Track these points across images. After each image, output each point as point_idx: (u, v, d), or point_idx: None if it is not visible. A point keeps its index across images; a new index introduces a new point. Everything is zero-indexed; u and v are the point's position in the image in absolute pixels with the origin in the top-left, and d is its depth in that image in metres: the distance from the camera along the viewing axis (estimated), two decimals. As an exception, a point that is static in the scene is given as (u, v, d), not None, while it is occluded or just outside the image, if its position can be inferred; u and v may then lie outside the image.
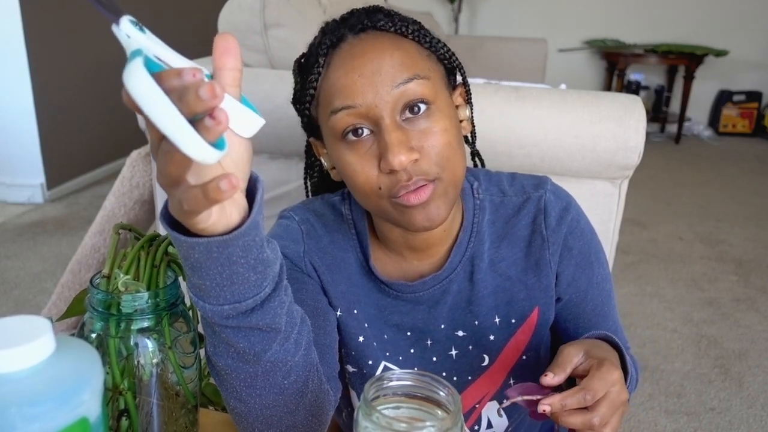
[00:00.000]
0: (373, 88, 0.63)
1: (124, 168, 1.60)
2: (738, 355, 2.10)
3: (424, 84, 0.65)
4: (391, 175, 0.64)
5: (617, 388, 0.57)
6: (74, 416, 0.42)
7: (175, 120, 0.37)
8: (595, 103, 1.29)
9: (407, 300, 0.75)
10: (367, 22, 0.67)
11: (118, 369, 0.58)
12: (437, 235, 0.73)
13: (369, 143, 0.65)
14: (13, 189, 3.17)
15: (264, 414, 0.59)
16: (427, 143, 0.64)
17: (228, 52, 0.43)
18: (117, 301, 0.58)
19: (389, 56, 0.64)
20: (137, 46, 0.40)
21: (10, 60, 2.99)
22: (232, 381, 0.57)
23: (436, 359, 0.76)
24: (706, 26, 5.05)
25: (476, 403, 0.77)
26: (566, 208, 0.74)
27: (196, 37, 3.96)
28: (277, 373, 0.56)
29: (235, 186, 0.39)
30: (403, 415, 0.51)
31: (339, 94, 0.65)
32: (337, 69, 0.65)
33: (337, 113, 0.65)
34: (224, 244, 0.47)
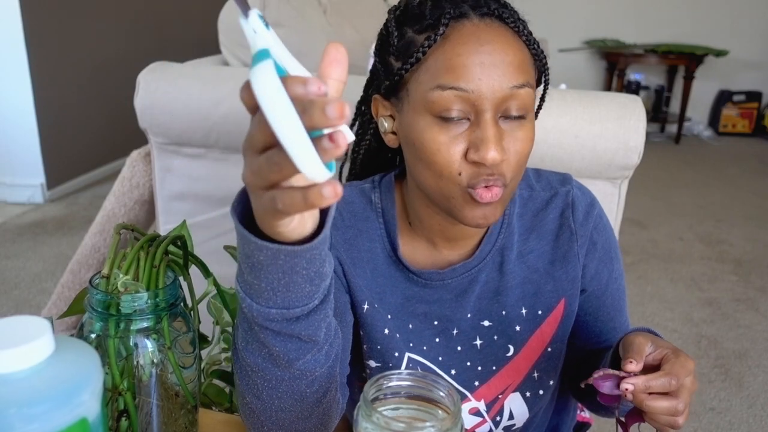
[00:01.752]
0: (489, 80, 0.62)
1: (124, 168, 1.60)
2: (738, 355, 2.10)
3: (530, 93, 0.65)
4: (476, 167, 0.64)
5: (692, 378, 0.58)
6: (74, 417, 0.42)
7: (297, 133, 0.35)
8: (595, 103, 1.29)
9: (435, 288, 0.75)
10: (493, 8, 0.65)
11: (118, 369, 0.58)
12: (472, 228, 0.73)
13: (462, 128, 0.64)
14: (13, 189, 3.17)
15: (278, 416, 0.59)
16: (514, 148, 0.65)
17: (337, 62, 0.43)
18: (116, 301, 0.58)
19: (512, 55, 0.64)
20: (263, 44, 0.39)
21: (10, 60, 2.99)
22: (257, 379, 0.57)
23: (460, 348, 0.77)
24: (706, 26, 5.05)
25: (499, 394, 0.77)
26: (592, 203, 0.77)
27: (196, 37, 3.96)
28: (303, 381, 0.57)
29: (338, 194, 0.38)
30: (403, 416, 0.51)
31: (452, 73, 0.63)
32: (459, 45, 0.63)
33: (445, 90, 0.63)
34: (293, 254, 0.47)
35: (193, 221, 1.52)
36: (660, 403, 0.57)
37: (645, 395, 0.57)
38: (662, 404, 0.56)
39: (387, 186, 0.77)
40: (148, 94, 1.45)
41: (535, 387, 0.77)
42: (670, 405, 0.56)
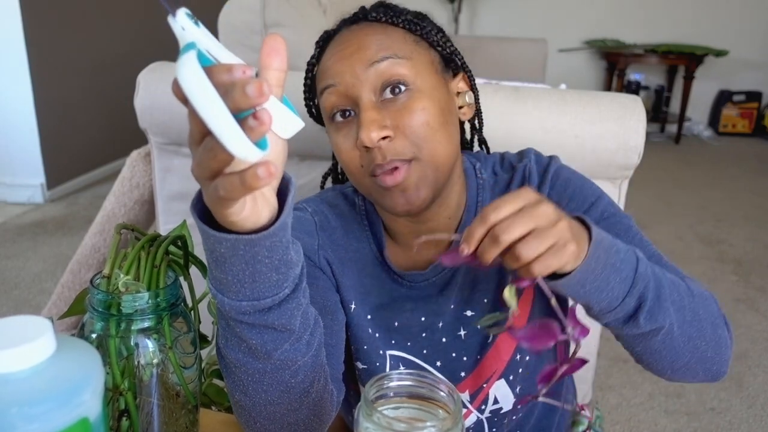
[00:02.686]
0: (350, 67, 0.67)
1: (124, 168, 1.60)
2: (738, 355, 2.10)
3: (401, 63, 0.67)
4: (368, 153, 0.66)
5: (534, 207, 0.53)
6: (75, 416, 0.42)
7: (222, 116, 0.36)
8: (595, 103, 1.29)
9: (420, 288, 0.77)
10: (360, 15, 0.72)
11: (119, 369, 0.58)
12: (442, 222, 0.75)
13: (353, 124, 0.68)
14: (13, 189, 3.17)
15: (267, 410, 0.59)
16: (402, 122, 0.66)
17: (275, 52, 0.44)
18: (117, 301, 0.58)
19: (369, 40, 0.68)
20: (191, 39, 0.41)
21: (10, 60, 2.99)
22: (240, 375, 0.57)
23: (445, 340, 0.77)
24: (706, 26, 5.05)
25: (484, 383, 0.77)
26: (546, 168, 0.76)
27: (196, 37, 3.96)
28: (285, 372, 0.57)
29: (273, 174, 0.39)
30: (403, 416, 0.51)
31: (323, 76, 0.69)
32: (326, 55, 0.71)
33: (323, 93, 0.69)
34: (251, 243, 0.47)
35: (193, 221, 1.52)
36: (482, 243, 0.53)
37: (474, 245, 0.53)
38: (483, 243, 0.53)
39: None
40: (148, 94, 1.45)
41: (517, 368, 0.77)
42: (489, 237, 0.52)
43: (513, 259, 0.52)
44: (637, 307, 0.61)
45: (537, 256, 0.52)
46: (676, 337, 0.64)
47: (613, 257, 0.58)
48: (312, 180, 1.49)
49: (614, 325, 0.63)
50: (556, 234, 0.53)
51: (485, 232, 0.53)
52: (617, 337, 0.67)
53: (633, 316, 0.61)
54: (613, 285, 0.59)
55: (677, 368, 0.67)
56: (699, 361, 0.67)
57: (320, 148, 1.41)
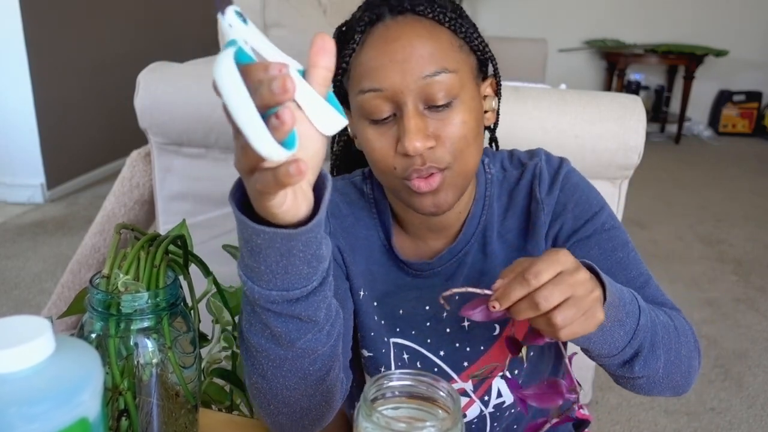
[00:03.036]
0: (401, 74, 0.65)
1: (124, 168, 1.60)
2: (738, 355, 2.10)
3: (450, 78, 0.66)
4: (406, 158, 0.67)
5: (572, 275, 0.54)
6: (74, 416, 0.42)
7: (248, 114, 0.37)
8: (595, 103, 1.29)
9: (425, 277, 0.78)
10: (407, 5, 0.68)
11: (118, 369, 0.58)
12: (453, 216, 0.76)
13: (391, 125, 0.68)
14: (13, 189, 3.17)
15: (283, 394, 0.61)
16: (444, 133, 0.67)
17: (323, 51, 0.44)
18: (117, 301, 0.58)
19: (421, 45, 0.66)
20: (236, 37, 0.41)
21: (10, 60, 2.99)
22: (261, 359, 0.59)
23: (449, 330, 0.78)
24: (706, 26, 5.05)
25: (488, 374, 0.78)
26: (558, 169, 0.77)
27: (196, 37, 3.96)
28: (305, 360, 0.59)
29: (303, 172, 0.40)
30: (403, 416, 0.51)
31: (368, 76, 0.67)
32: (371, 49, 0.68)
33: (365, 94, 0.67)
34: (289, 237, 0.48)
35: (193, 221, 1.52)
36: (519, 304, 0.54)
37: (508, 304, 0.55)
38: (521, 305, 0.54)
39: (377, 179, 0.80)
40: (148, 94, 1.45)
41: (520, 362, 0.78)
42: (527, 302, 0.54)
43: (545, 323, 0.54)
44: (633, 356, 0.65)
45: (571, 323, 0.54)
46: (659, 375, 0.68)
47: (620, 312, 0.61)
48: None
49: (609, 367, 0.67)
50: (590, 303, 0.55)
51: (524, 295, 0.54)
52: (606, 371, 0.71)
53: (628, 362, 0.65)
54: (617, 337, 0.62)
55: (649, 391, 0.72)
56: (670, 388, 0.72)
57: (320, 148, 1.41)
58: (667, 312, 0.72)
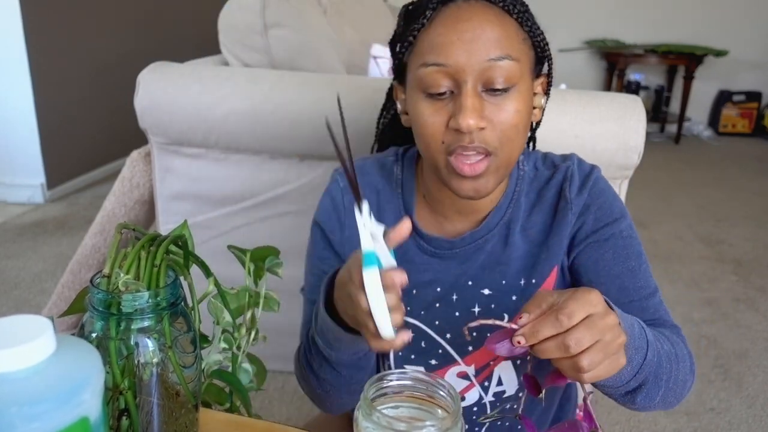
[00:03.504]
0: (467, 53, 0.67)
1: (124, 168, 1.60)
2: (738, 355, 2.10)
3: (513, 66, 0.68)
4: (456, 134, 0.68)
5: (603, 318, 0.54)
6: (74, 416, 0.42)
7: (384, 315, 0.54)
8: (595, 103, 1.29)
9: (443, 257, 0.79)
10: None
11: (119, 368, 0.58)
12: (485, 201, 0.78)
13: (446, 100, 0.69)
14: (13, 189, 3.17)
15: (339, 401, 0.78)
16: (497, 118, 0.68)
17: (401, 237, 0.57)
18: (117, 300, 0.58)
19: (490, 29, 0.68)
20: (370, 243, 0.55)
21: (11, 60, 2.99)
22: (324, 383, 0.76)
23: (458, 314, 0.79)
24: (706, 26, 5.05)
25: (491, 360, 0.79)
26: (590, 173, 0.79)
27: (196, 37, 3.96)
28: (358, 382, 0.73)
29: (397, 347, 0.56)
30: (403, 415, 0.51)
31: (434, 50, 0.69)
32: (440, 26, 0.69)
33: (428, 67, 0.69)
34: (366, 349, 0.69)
35: (193, 221, 1.52)
36: (547, 343, 0.54)
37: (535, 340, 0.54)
38: (549, 344, 0.53)
39: (410, 160, 0.83)
40: (148, 94, 1.45)
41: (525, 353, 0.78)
42: (557, 342, 0.53)
43: (571, 365, 0.55)
44: (637, 387, 0.65)
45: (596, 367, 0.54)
46: (656, 402, 0.69)
47: (630, 350, 0.61)
48: (312, 180, 1.49)
49: (610, 395, 0.68)
50: (616, 348, 0.56)
51: (554, 334, 0.54)
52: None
53: (631, 393, 0.66)
54: (624, 372, 0.62)
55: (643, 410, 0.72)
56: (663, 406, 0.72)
57: (320, 148, 1.42)
58: (668, 337, 0.73)
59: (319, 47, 1.61)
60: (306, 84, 1.40)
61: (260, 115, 1.39)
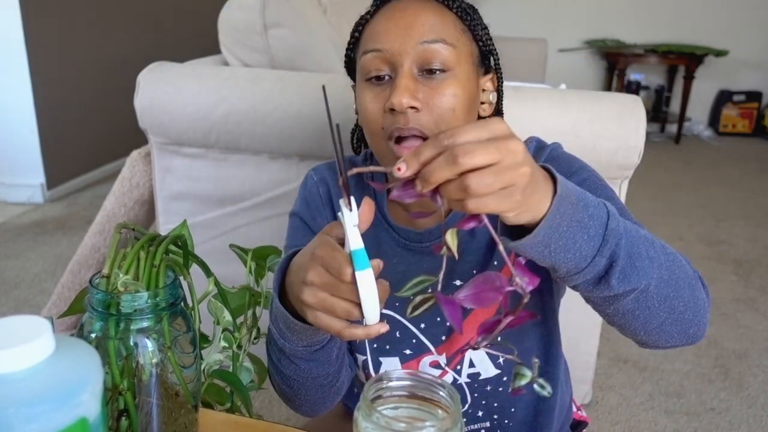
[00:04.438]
0: (401, 38, 0.70)
1: (124, 168, 1.60)
2: (738, 355, 2.10)
3: (448, 50, 0.71)
4: (393, 117, 0.70)
5: (505, 142, 0.47)
6: (73, 416, 0.42)
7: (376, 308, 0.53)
8: (595, 103, 1.29)
9: (414, 250, 0.80)
10: None
11: (118, 369, 0.58)
12: None
13: (385, 86, 0.72)
14: (13, 189, 3.17)
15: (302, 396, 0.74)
16: (433, 101, 0.70)
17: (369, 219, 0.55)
18: (116, 301, 0.58)
19: (424, 16, 0.71)
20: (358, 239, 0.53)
21: (11, 60, 2.99)
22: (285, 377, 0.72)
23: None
24: (706, 26, 5.05)
25: (462, 347, 0.79)
26: (543, 147, 0.79)
27: (196, 37, 3.96)
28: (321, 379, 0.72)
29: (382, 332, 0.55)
30: (402, 415, 0.51)
31: (372, 38, 0.73)
32: (379, 17, 0.74)
33: (367, 54, 0.73)
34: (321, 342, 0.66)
35: (193, 221, 1.52)
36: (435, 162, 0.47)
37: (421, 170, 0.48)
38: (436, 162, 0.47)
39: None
40: (148, 94, 1.45)
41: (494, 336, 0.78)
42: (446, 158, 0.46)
43: (458, 189, 0.47)
44: (608, 267, 0.57)
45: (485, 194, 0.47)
46: (651, 297, 0.60)
47: (581, 212, 0.54)
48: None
49: (584, 287, 0.59)
50: (515, 178, 0.47)
51: (436, 154, 0.47)
52: (586, 300, 0.64)
53: (604, 277, 0.57)
54: (581, 243, 0.54)
55: (650, 330, 0.64)
56: (675, 323, 0.64)
57: (320, 148, 1.41)
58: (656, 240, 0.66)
59: (319, 47, 1.61)
60: (306, 84, 1.40)
61: (260, 115, 1.39)
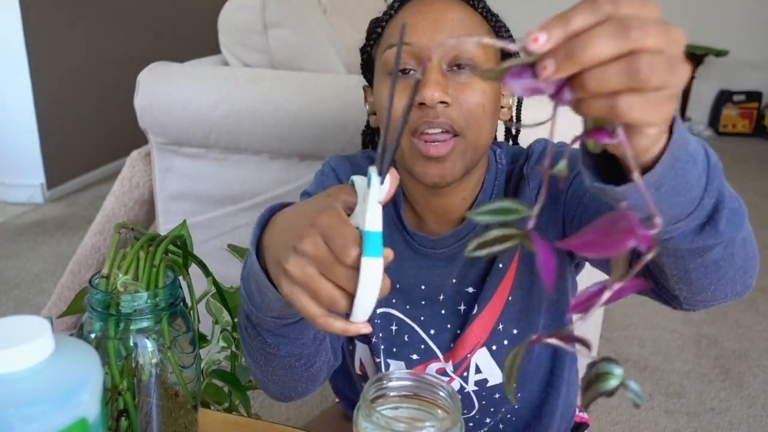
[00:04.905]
0: (431, 32, 0.68)
1: (124, 168, 1.60)
2: (738, 355, 2.10)
3: (477, 47, 0.69)
4: (420, 109, 0.67)
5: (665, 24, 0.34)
6: (73, 417, 0.42)
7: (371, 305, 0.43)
8: (595, 103, 1.28)
9: (428, 256, 0.78)
10: None
11: (117, 369, 0.58)
12: (457, 202, 0.76)
13: (411, 81, 0.69)
14: (13, 189, 3.17)
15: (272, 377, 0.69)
16: (462, 96, 0.68)
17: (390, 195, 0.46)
18: (116, 301, 0.58)
19: (454, 12, 0.70)
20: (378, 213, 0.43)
21: (10, 60, 2.99)
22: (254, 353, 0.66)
23: (444, 312, 0.79)
24: (706, 26, 5.04)
25: (468, 353, 0.78)
26: (546, 148, 0.77)
27: (196, 37, 3.96)
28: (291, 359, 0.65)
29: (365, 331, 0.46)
30: (402, 416, 0.51)
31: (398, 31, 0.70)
32: (405, 11, 0.72)
33: (393, 47, 0.70)
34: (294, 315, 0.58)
35: (193, 221, 1.52)
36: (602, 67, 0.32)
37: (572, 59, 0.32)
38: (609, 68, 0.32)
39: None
40: (148, 94, 1.45)
41: (500, 339, 0.77)
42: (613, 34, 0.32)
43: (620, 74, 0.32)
44: (714, 209, 0.48)
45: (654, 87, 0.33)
46: (736, 243, 0.52)
47: (689, 147, 0.44)
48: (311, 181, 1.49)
49: (681, 239, 0.49)
50: (680, 75, 0.34)
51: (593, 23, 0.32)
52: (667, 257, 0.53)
53: (709, 222, 0.48)
54: (692, 182, 0.45)
55: (722, 284, 0.56)
56: (739, 272, 0.56)
57: (321, 148, 1.41)
58: None
59: (319, 47, 1.61)
60: (306, 84, 1.40)
61: (260, 115, 1.39)
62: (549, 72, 0.33)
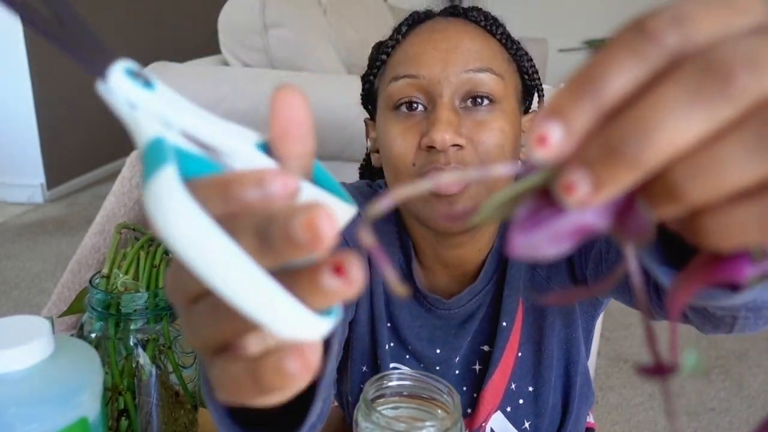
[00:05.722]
0: (443, 63, 0.60)
1: (124, 168, 1.60)
2: (738, 355, 2.10)
3: (495, 80, 0.61)
4: (429, 153, 0.59)
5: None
6: (73, 416, 0.42)
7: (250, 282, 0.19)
8: (595, 103, 1.29)
9: (441, 316, 0.71)
10: (459, 10, 0.66)
11: (118, 369, 0.58)
12: (473, 252, 0.69)
13: (419, 118, 0.61)
14: (13, 189, 3.17)
15: None
16: (478, 136, 0.59)
17: (288, 136, 0.24)
18: (116, 301, 0.58)
19: (470, 40, 0.61)
20: (154, 132, 0.23)
21: (10, 60, 2.99)
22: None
23: (458, 372, 0.73)
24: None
25: (483, 421, 0.71)
26: None
27: (196, 37, 3.96)
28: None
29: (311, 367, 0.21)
30: (402, 415, 0.51)
31: (406, 62, 0.62)
32: (413, 38, 0.63)
33: (399, 80, 0.61)
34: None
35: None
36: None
37: None
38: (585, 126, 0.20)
39: None
40: (148, 94, 1.45)
41: (514, 398, 0.72)
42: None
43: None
44: None
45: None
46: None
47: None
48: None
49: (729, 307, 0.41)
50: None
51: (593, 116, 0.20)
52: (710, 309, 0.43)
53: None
54: None
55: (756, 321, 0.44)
56: None
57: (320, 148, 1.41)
58: None
59: (319, 47, 1.61)
60: (306, 84, 1.40)
61: (260, 115, 1.39)
62: (581, 195, 0.19)
